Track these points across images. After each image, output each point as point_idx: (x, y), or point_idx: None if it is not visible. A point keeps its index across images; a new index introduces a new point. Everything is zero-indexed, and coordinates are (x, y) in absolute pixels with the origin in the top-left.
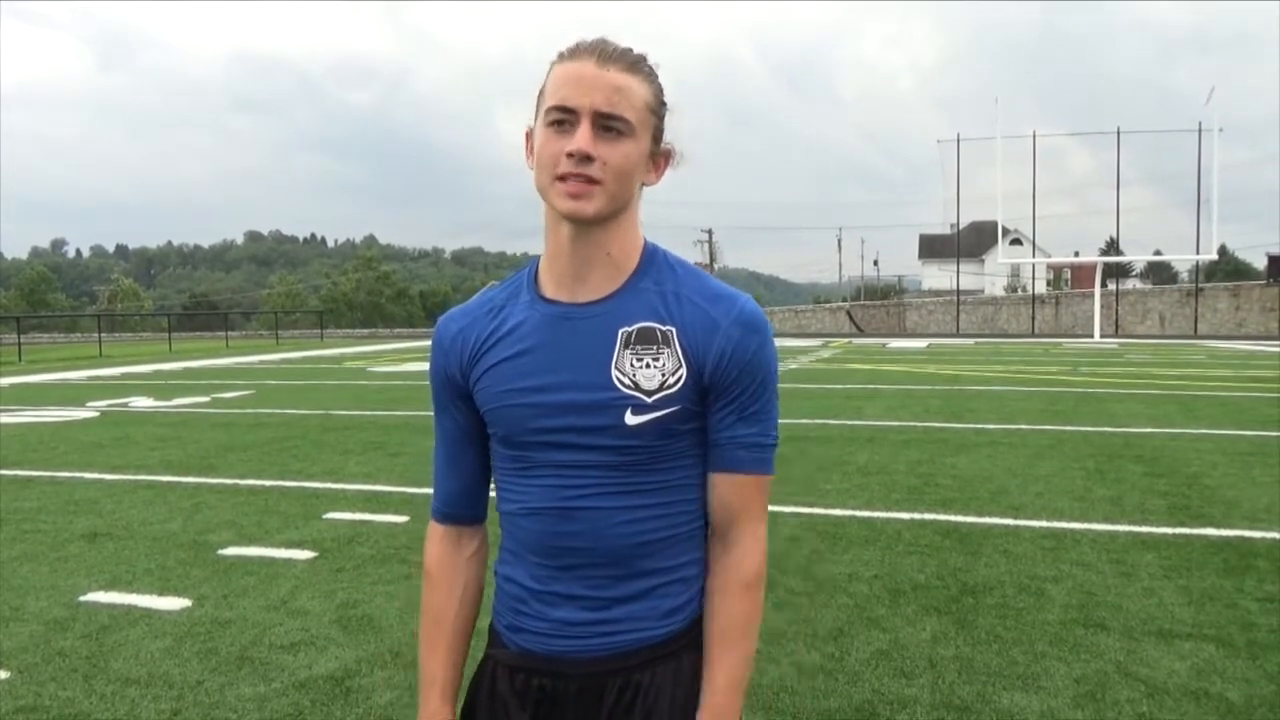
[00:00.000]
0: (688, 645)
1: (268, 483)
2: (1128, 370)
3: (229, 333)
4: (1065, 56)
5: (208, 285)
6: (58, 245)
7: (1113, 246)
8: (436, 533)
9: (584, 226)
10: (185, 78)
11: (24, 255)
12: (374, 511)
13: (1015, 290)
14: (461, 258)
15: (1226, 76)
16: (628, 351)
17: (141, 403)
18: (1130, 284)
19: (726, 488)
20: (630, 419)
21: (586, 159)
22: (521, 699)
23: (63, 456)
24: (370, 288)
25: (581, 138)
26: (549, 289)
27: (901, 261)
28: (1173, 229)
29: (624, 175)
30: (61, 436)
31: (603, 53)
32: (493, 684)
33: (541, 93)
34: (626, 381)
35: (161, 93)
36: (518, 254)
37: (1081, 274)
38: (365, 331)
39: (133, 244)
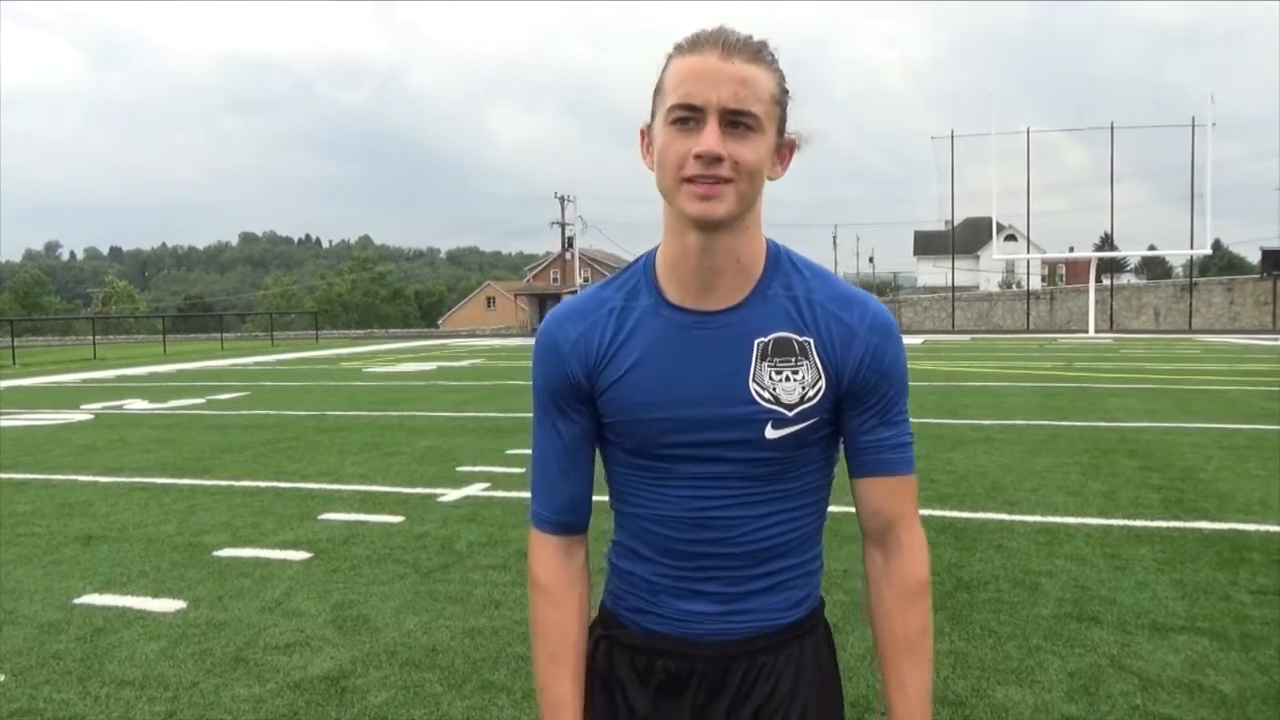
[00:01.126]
0: (809, 630)
1: (263, 484)
2: (1122, 365)
3: (224, 334)
4: (1058, 53)
5: (202, 287)
6: (51, 248)
7: (1107, 242)
8: (548, 544)
9: (713, 231)
10: (177, 79)
11: (17, 258)
12: (369, 512)
13: (1010, 286)
14: (457, 257)
15: (1219, 72)
16: (765, 364)
17: (136, 405)
18: (1125, 279)
19: (880, 492)
20: (770, 433)
21: (717, 159)
22: (643, 679)
23: (57, 459)
24: (365, 288)
25: (710, 137)
26: (673, 294)
27: (896, 258)
28: (1167, 224)
29: (754, 173)
30: (56, 439)
31: (726, 43)
32: (609, 664)
33: (659, 89)
34: (766, 395)
35: (154, 94)
36: (513, 253)
37: (1076, 269)
38: (361, 332)
39: (127, 246)
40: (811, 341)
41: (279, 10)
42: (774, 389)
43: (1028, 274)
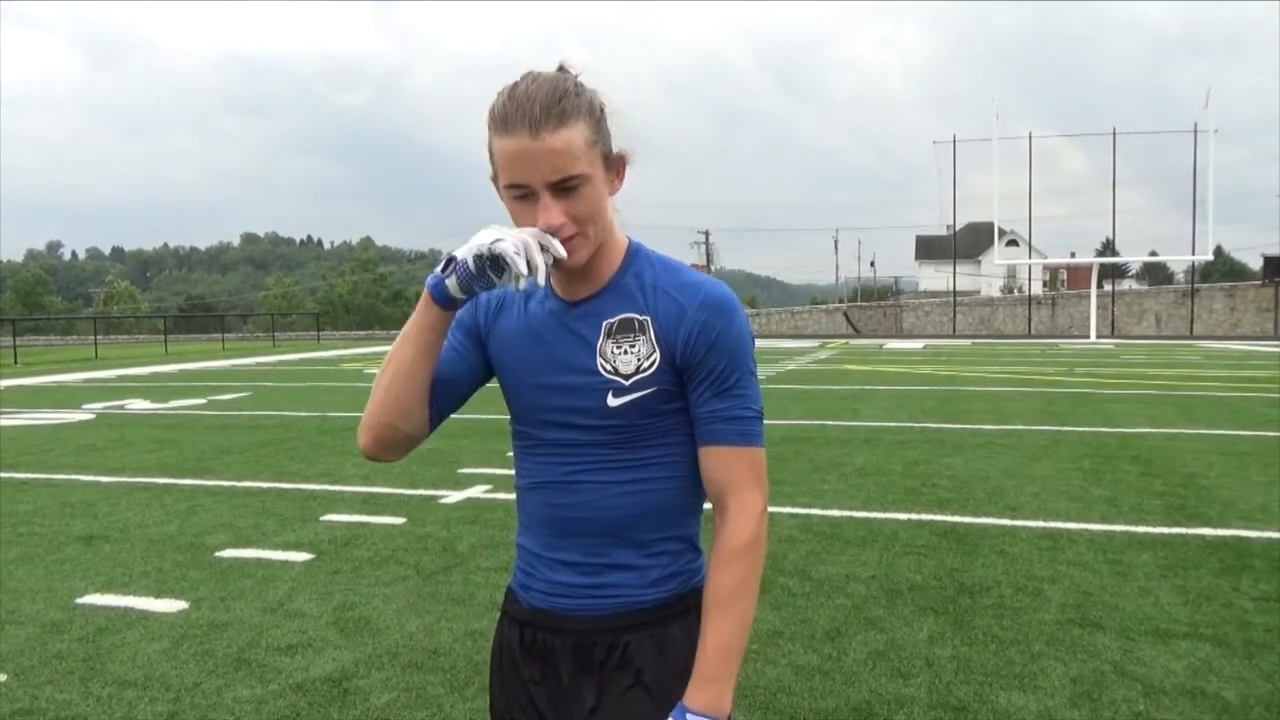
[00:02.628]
0: (675, 614)
1: (264, 485)
2: (1124, 371)
3: (225, 335)
4: (1057, 58)
5: (204, 287)
6: (53, 247)
7: (1108, 247)
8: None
9: None
10: (177, 79)
11: (19, 258)
12: (371, 514)
13: (1011, 291)
14: None
15: (1219, 78)
16: (610, 341)
17: (138, 405)
18: (1126, 285)
19: (712, 461)
20: (612, 401)
21: (558, 227)
22: (529, 652)
23: (59, 459)
24: (367, 289)
25: (547, 213)
26: (557, 288)
27: (898, 263)
28: (1168, 230)
29: (595, 216)
30: (57, 439)
31: (532, 120)
32: (508, 637)
33: (490, 154)
34: (608, 367)
35: (154, 94)
36: None
37: (1077, 275)
38: (362, 333)
39: (128, 246)
40: (649, 319)
41: (275, 10)
42: (614, 361)
43: (1029, 279)
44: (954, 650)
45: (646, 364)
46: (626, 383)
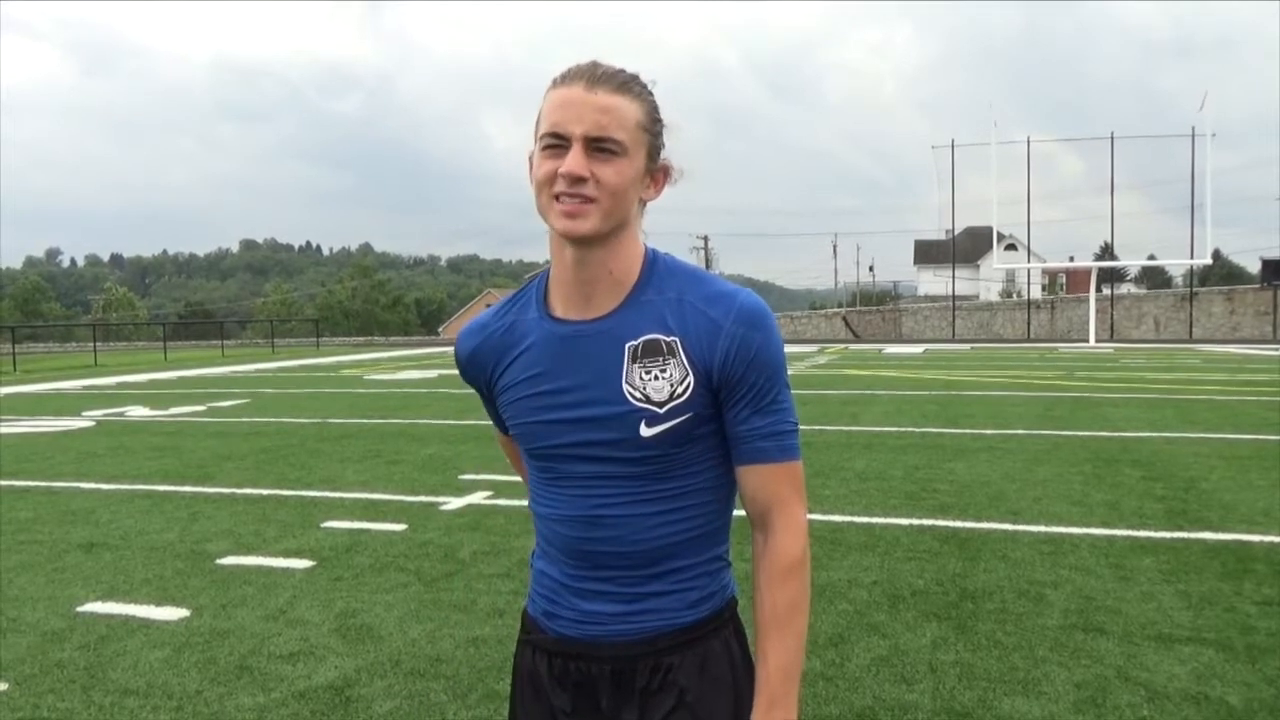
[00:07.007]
0: (715, 629)
1: (265, 492)
2: (1124, 375)
3: (224, 341)
4: (1050, 60)
5: (203, 294)
6: (52, 254)
7: (1107, 251)
8: (502, 438)
9: (585, 246)
10: (170, 85)
11: (18, 265)
12: (372, 520)
13: (1010, 295)
14: (457, 265)
15: (1212, 81)
16: (636, 365)
17: (137, 412)
18: (1125, 289)
19: (755, 479)
20: (645, 431)
21: (580, 179)
22: (560, 682)
23: (59, 466)
24: (366, 295)
25: (573, 159)
26: (558, 308)
27: (897, 267)
28: (1167, 233)
29: (618, 192)
30: (57, 446)
31: (592, 76)
32: (533, 666)
33: (537, 120)
34: (638, 395)
35: (149, 100)
36: (513, 261)
37: (1076, 279)
38: (361, 339)
39: (127, 253)
40: (679, 340)
41: (260, 13)
42: (644, 388)
43: (1028, 283)
44: (957, 656)
45: (681, 388)
46: (661, 411)
